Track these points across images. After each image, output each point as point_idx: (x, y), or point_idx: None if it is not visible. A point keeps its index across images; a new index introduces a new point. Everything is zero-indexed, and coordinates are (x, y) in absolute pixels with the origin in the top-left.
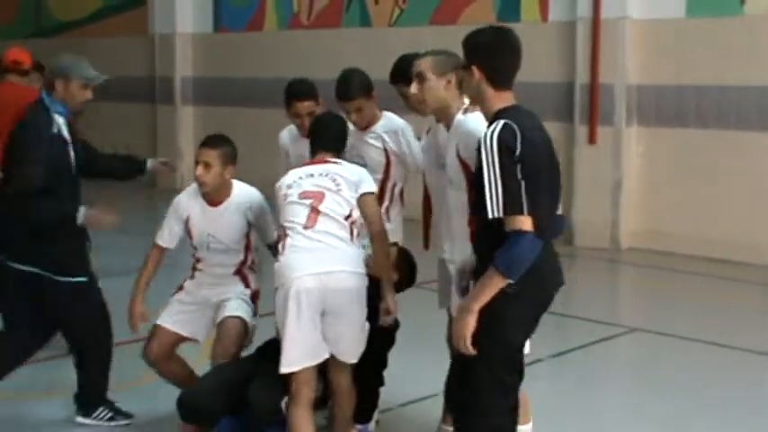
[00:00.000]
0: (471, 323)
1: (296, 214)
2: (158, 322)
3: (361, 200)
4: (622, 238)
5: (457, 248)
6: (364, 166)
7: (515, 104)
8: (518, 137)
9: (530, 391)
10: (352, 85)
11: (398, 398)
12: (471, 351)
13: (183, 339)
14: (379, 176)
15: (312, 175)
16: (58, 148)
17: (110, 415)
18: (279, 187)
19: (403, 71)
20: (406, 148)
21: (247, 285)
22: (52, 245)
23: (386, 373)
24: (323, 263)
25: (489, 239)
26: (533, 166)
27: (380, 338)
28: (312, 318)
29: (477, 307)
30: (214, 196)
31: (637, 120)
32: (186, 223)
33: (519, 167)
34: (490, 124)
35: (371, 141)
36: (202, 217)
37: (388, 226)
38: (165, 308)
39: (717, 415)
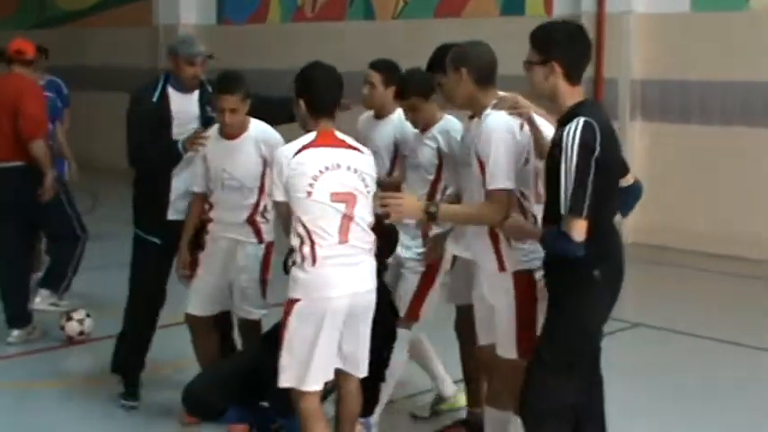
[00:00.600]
0: (509, 230)
1: (328, 222)
2: (189, 312)
3: None
4: (626, 232)
5: (468, 242)
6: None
7: (587, 98)
8: (597, 135)
9: None
10: (410, 85)
11: (408, 389)
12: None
13: (213, 321)
14: (431, 177)
15: (339, 167)
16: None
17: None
18: (295, 169)
19: (440, 60)
20: (451, 151)
21: (260, 239)
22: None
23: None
24: (355, 282)
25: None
26: (608, 163)
27: (381, 335)
28: (337, 338)
29: (514, 231)
30: (227, 130)
31: (641, 114)
32: (204, 161)
33: (594, 167)
34: (568, 121)
35: (427, 142)
36: (219, 151)
37: (436, 229)
38: (190, 292)
39: (720, 411)
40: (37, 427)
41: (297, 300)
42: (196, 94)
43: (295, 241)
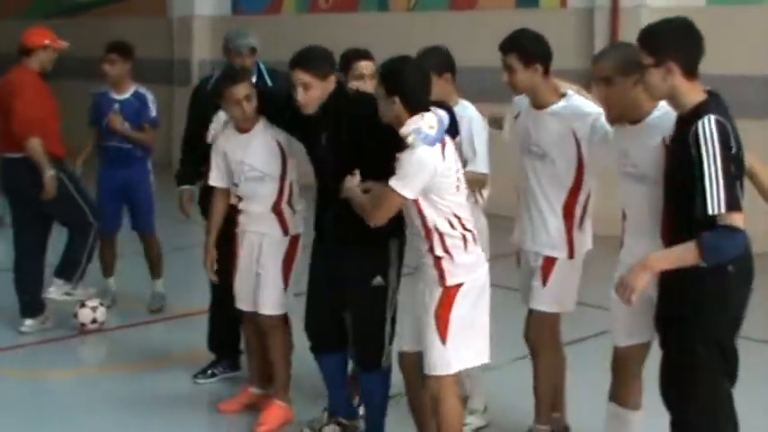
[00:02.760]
0: (645, 280)
1: (468, 210)
2: (238, 306)
3: None
4: None
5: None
6: None
7: (710, 92)
8: (731, 132)
9: None
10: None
11: None
12: (631, 303)
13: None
14: None
15: (456, 160)
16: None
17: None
18: (445, 174)
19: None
20: (465, 137)
21: (285, 230)
22: None
23: None
24: None
25: (687, 234)
26: (741, 160)
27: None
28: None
29: (659, 267)
30: (244, 124)
31: None
32: (224, 157)
33: (734, 163)
34: (697, 118)
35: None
36: (235, 145)
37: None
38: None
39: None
40: (50, 415)
41: (460, 284)
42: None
43: (448, 230)
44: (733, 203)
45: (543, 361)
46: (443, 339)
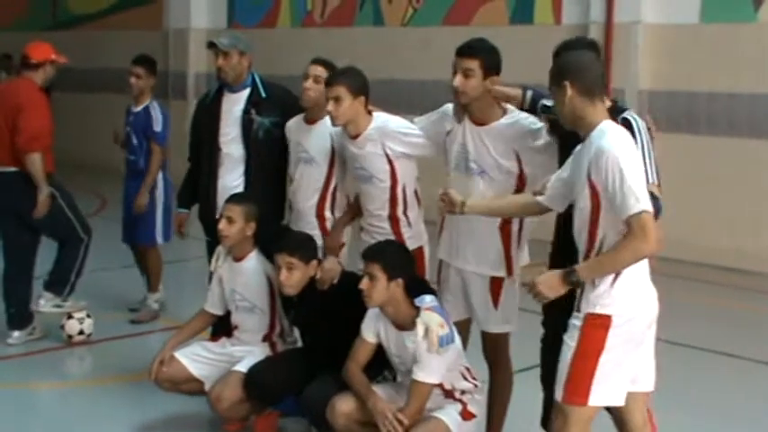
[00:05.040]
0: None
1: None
2: (177, 355)
3: None
4: None
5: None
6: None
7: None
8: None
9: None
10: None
11: None
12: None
13: (191, 378)
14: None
15: None
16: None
17: None
18: None
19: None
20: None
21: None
22: None
23: None
24: None
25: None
26: None
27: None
28: None
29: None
30: (237, 251)
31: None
32: (221, 284)
33: None
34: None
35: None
36: (229, 273)
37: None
38: (189, 345)
39: (727, 426)
40: (37, 428)
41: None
42: (244, 93)
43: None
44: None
45: (501, 376)
46: None
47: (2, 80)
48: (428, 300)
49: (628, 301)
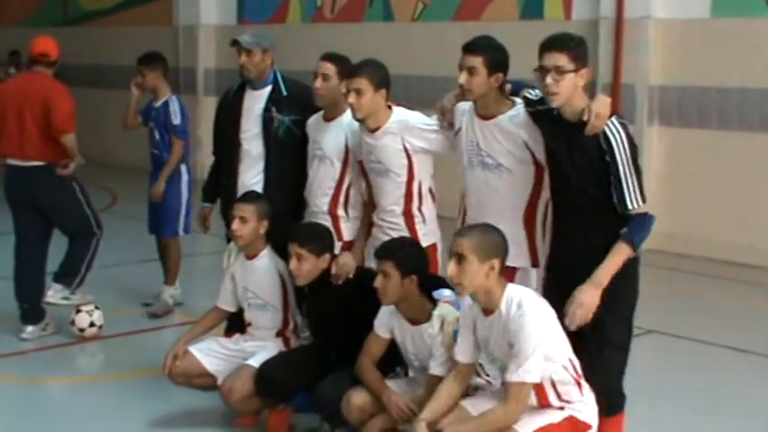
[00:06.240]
0: (598, 297)
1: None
2: (191, 349)
3: None
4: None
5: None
6: None
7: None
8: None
9: None
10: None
11: None
12: (586, 320)
13: (205, 373)
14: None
15: None
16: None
17: None
18: None
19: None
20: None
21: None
22: None
23: None
24: None
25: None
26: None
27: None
28: None
29: (606, 281)
30: (249, 249)
31: (658, 120)
32: (233, 282)
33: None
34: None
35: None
36: (242, 271)
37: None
38: (203, 340)
39: (732, 419)
40: (50, 422)
41: None
42: (266, 91)
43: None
44: (645, 195)
45: None
46: None
47: (11, 76)
48: (446, 294)
49: None
